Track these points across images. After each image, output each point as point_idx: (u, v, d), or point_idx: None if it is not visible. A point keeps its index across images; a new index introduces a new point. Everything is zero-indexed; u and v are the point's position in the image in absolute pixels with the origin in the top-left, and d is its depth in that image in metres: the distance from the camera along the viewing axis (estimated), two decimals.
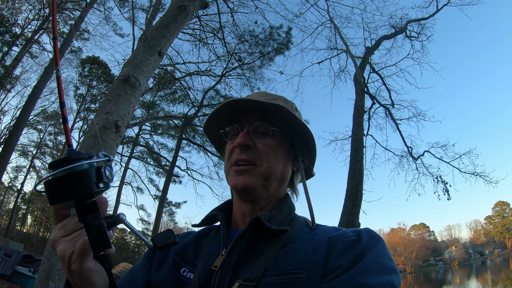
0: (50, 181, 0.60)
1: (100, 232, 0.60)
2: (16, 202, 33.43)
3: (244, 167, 0.91)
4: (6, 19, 17.00)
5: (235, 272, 0.80)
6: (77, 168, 0.61)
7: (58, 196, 0.60)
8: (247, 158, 0.91)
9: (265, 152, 0.92)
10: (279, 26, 13.28)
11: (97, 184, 0.62)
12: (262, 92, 1.07)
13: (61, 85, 0.68)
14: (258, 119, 0.95)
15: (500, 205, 79.36)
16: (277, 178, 0.95)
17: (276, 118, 0.95)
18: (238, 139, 0.92)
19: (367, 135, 11.47)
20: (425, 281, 63.51)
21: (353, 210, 7.89)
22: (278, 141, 0.96)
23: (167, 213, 24.70)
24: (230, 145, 0.96)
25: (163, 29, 4.40)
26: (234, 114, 0.98)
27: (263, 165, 0.91)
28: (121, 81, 3.77)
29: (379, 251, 0.75)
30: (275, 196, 0.97)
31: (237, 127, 0.97)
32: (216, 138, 1.07)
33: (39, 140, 29.81)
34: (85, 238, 0.61)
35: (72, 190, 0.60)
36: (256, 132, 0.94)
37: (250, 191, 0.91)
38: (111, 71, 23.80)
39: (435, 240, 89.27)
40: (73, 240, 0.64)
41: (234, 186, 0.91)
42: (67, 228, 0.64)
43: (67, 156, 0.61)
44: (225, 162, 0.99)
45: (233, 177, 0.92)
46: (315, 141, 1.01)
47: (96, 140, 3.34)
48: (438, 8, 12.53)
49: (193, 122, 17.43)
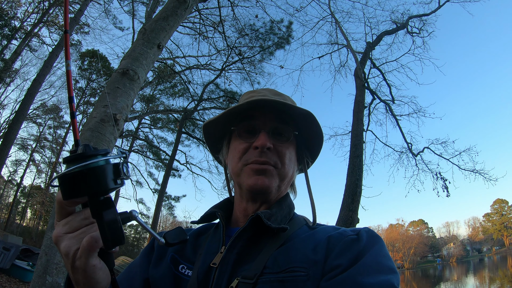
0: (66, 176, 0.59)
1: (116, 228, 0.61)
2: (15, 196, 33.54)
3: (265, 166, 0.90)
4: (5, 12, 16.91)
5: (234, 269, 0.79)
6: (94, 164, 0.60)
7: (74, 192, 0.60)
8: (268, 160, 0.90)
9: (284, 155, 0.93)
10: (280, 20, 13.28)
11: (114, 181, 0.63)
12: (272, 90, 1.05)
13: (71, 80, 0.66)
14: (275, 120, 0.94)
15: (499, 203, 79.72)
16: (289, 181, 0.97)
17: (292, 121, 0.95)
18: (261, 141, 0.90)
19: (367, 131, 11.52)
20: (422, 278, 63.84)
21: (352, 206, 7.90)
22: (293, 144, 0.97)
23: (166, 207, 24.75)
24: (243, 144, 0.94)
25: (162, 22, 4.36)
26: (245, 110, 0.96)
27: (282, 168, 0.92)
28: (120, 74, 3.74)
29: (378, 251, 0.75)
30: (278, 195, 0.97)
31: (252, 125, 0.95)
32: (215, 133, 1.05)
33: (39, 134, 29.87)
34: (93, 234, 0.60)
35: (89, 186, 0.60)
36: (276, 133, 0.94)
37: (266, 192, 0.91)
38: (110, 64, 23.74)
39: (433, 237, 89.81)
40: (79, 236, 0.62)
41: (253, 185, 0.89)
42: (72, 225, 0.63)
43: (83, 152, 0.60)
44: (232, 160, 0.96)
45: (250, 176, 0.90)
46: (322, 146, 1.03)
47: (94, 133, 3.31)
48: (440, 4, 12.50)
49: (193, 116, 17.41)
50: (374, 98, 11.94)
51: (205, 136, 1.08)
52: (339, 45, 13.31)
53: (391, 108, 12.00)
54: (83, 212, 0.64)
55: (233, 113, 0.97)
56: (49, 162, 30.31)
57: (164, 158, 23.25)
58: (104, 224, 0.60)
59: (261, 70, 14.68)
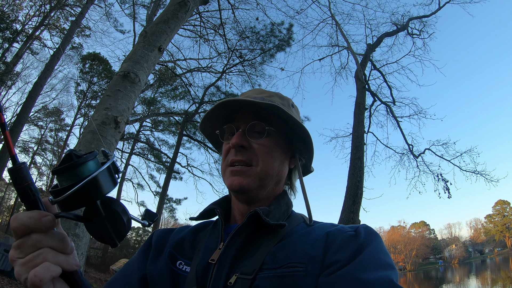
0: (69, 194, 0.58)
1: (125, 221, 0.64)
2: (17, 199, 33.45)
3: (239, 167, 0.90)
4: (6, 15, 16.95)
5: (232, 265, 0.79)
6: (90, 177, 0.60)
7: (73, 206, 0.60)
8: (242, 159, 0.90)
9: (261, 152, 0.92)
10: (280, 22, 13.29)
11: (113, 182, 0.65)
12: (258, 89, 1.06)
13: None
14: (253, 118, 0.94)
15: (501, 204, 79.38)
16: (274, 178, 0.95)
17: (272, 117, 0.94)
18: (233, 140, 0.91)
19: (368, 133, 11.50)
20: (424, 279, 63.54)
21: (353, 208, 7.90)
22: (274, 140, 0.95)
23: (167, 210, 24.77)
24: (226, 145, 0.96)
25: (163, 24, 4.38)
26: (229, 113, 0.97)
27: (259, 165, 0.91)
28: (121, 76, 3.75)
29: (377, 247, 0.75)
30: (273, 193, 0.97)
31: (232, 127, 0.95)
32: (213, 137, 1.06)
33: (40, 137, 29.86)
34: (37, 272, 0.56)
35: (88, 196, 0.60)
36: (252, 131, 0.94)
37: (246, 192, 0.90)
38: (112, 67, 23.77)
39: (435, 238, 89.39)
40: (27, 265, 0.58)
41: (229, 186, 0.91)
42: (22, 250, 0.59)
43: (72, 162, 0.60)
44: (221, 162, 0.98)
45: (228, 177, 0.91)
46: (311, 138, 1.00)
47: (95, 136, 3.32)
48: (440, 5, 12.54)
49: (194, 118, 17.43)
50: (375, 100, 11.94)
51: (208, 139, 1.09)
52: (339, 47, 13.34)
53: (392, 110, 12.01)
54: (31, 237, 0.59)
55: (220, 118, 0.98)
56: (50, 164, 30.30)
57: (165, 160, 23.26)
58: (116, 216, 0.63)
59: (261, 72, 14.73)
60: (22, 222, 0.58)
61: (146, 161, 24.81)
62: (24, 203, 0.60)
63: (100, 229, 0.65)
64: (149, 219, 0.76)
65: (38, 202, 0.60)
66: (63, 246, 0.61)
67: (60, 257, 0.60)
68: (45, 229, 0.59)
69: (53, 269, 0.58)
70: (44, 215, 0.59)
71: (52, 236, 0.60)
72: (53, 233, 0.61)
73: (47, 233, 0.60)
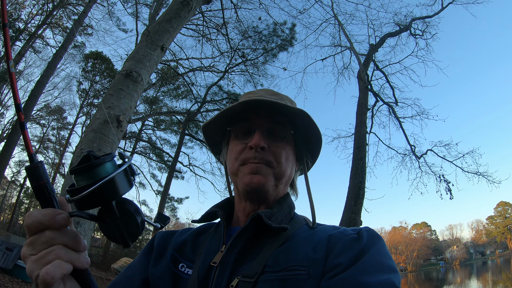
0: (86, 194, 0.60)
1: (138, 221, 0.66)
2: (18, 197, 33.61)
3: (260, 165, 0.90)
4: (9, 14, 17.00)
5: (234, 268, 0.79)
6: (107, 178, 0.61)
7: (89, 205, 0.61)
8: (261, 160, 0.90)
9: (279, 155, 0.92)
10: (283, 22, 13.32)
11: (130, 184, 0.67)
12: (269, 90, 1.05)
13: (15, 84, 0.64)
14: (270, 120, 0.94)
15: (503, 206, 79.09)
16: (286, 181, 0.96)
17: (288, 121, 0.95)
18: (254, 141, 0.90)
19: (370, 133, 11.46)
20: (426, 280, 63.51)
21: (355, 208, 7.88)
22: (290, 144, 0.96)
23: (169, 209, 24.78)
24: (239, 145, 0.95)
25: (165, 24, 4.38)
26: (240, 112, 0.96)
27: (277, 167, 0.91)
28: (123, 75, 3.75)
29: (379, 250, 0.75)
30: (276, 195, 0.96)
31: (248, 126, 0.95)
32: (215, 135, 1.06)
33: (42, 135, 29.98)
34: (48, 270, 0.56)
35: (105, 197, 0.62)
36: (271, 134, 0.94)
37: (263, 191, 0.90)
38: (114, 66, 23.84)
39: (436, 239, 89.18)
40: (39, 262, 0.58)
41: (248, 183, 0.89)
42: (34, 247, 0.60)
43: (90, 163, 0.61)
44: (230, 161, 0.97)
45: (245, 175, 0.90)
46: (322, 144, 1.02)
47: (97, 134, 3.32)
48: (443, 6, 12.48)
49: (196, 117, 17.46)
50: (377, 100, 11.91)
51: (206, 138, 1.08)
52: (342, 47, 13.30)
53: (394, 110, 11.97)
54: (44, 234, 0.60)
55: (230, 115, 0.97)
56: (53, 163, 30.39)
57: (167, 160, 23.29)
58: (130, 215, 0.65)
59: (264, 72, 14.74)
60: (36, 219, 0.60)
61: (148, 160, 24.85)
62: (39, 200, 0.61)
63: (114, 229, 0.66)
64: (162, 222, 0.78)
65: (53, 200, 0.62)
66: (76, 243, 0.62)
67: (72, 254, 0.61)
68: (59, 226, 0.60)
69: (65, 267, 0.58)
70: (59, 212, 0.60)
71: (65, 234, 0.61)
72: (66, 230, 0.62)
73: (60, 230, 0.61)
